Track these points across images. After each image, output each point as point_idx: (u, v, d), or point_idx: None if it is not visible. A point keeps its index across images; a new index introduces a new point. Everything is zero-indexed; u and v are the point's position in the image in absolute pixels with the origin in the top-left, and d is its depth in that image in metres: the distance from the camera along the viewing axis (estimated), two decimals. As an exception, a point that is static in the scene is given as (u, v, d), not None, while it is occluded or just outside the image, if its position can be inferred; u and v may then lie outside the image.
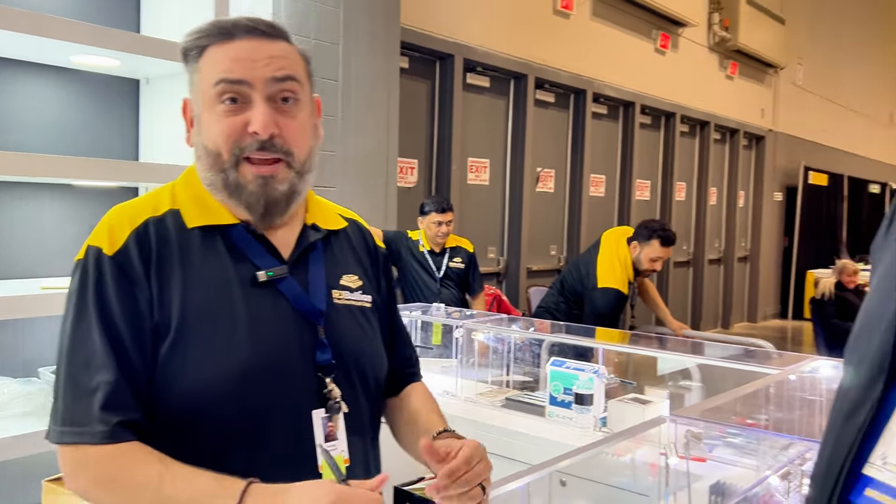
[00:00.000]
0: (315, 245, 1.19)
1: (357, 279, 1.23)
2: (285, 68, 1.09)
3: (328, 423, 1.12)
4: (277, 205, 1.10)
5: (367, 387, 1.20)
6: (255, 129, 1.06)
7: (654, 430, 1.48)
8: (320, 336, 1.13)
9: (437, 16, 4.83)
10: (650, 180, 7.31)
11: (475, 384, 2.64)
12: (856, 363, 0.75)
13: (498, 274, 5.73)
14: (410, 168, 4.93)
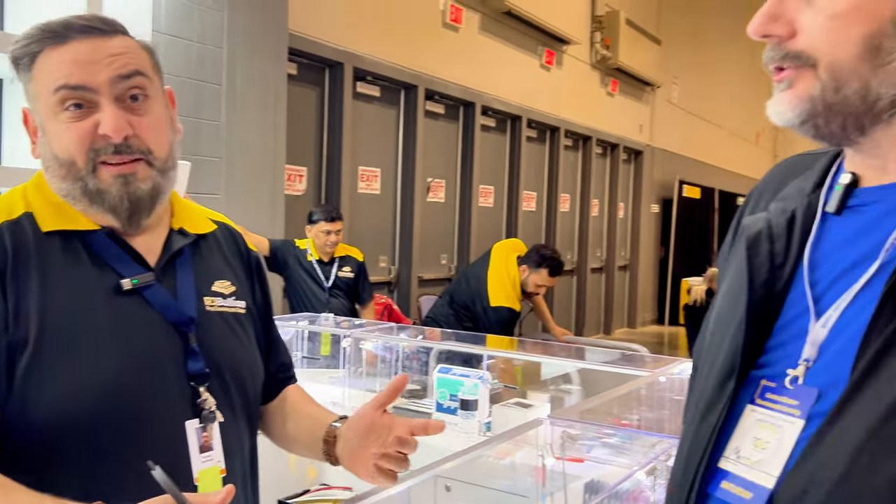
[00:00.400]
0: (182, 250, 1.14)
1: (230, 285, 1.19)
2: (130, 64, 1.04)
3: (203, 433, 1.09)
4: (142, 204, 1.06)
5: (243, 395, 1.17)
6: (107, 132, 1.01)
7: (533, 432, 1.53)
8: (191, 344, 1.09)
9: (326, 23, 4.80)
10: (536, 192, 7.53)
11: (363, 394, 2.63)
12: (709, 365, 0.80)
13: (389, 283, 5.74)
14: (299, 176, 4.86)
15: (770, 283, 0.74)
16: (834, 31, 0.65)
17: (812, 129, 0.69)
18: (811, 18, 0.67)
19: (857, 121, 0.67)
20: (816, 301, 0.71)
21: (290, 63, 4.56)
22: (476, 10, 6.20)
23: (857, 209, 0.72)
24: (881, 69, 0.64)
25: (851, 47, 0.65)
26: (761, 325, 0.75)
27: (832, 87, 0.66)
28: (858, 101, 0.66)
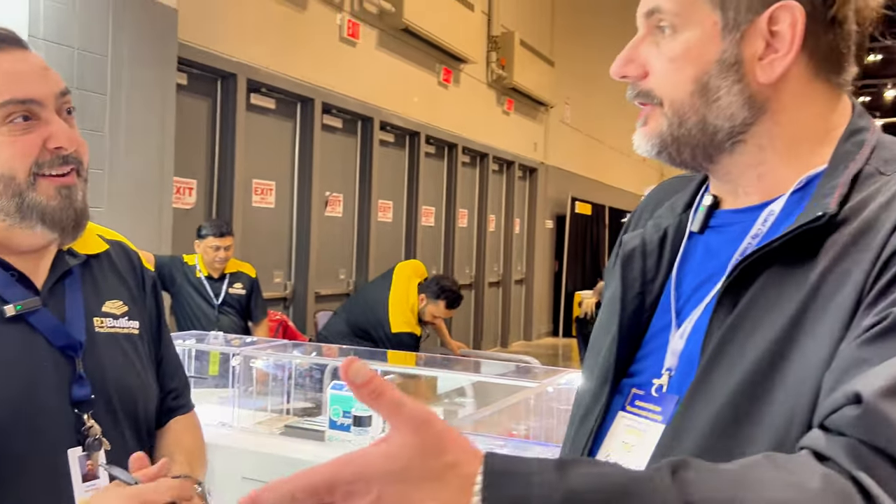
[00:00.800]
0: (71, 271, 1.11)
1: (122, 305, 1.17)
2: (61, 80, 1.06)
3: (87, 461, 1.06)
4: (83, 214, 1.06)
5: (133, 421, 1.14)
6: (61, 144, 1.01)
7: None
8: (78, 370, 1.06)
9: (219, 34, 4.69)
10: (435, 207, 7.60)
11: (253, 413, 2.57)
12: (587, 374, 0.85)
13: (284, 299, 5.63)
14: (189, 188, 4.71)
15: (641, 297, 0.81)
16: (672, 72, 0.73)
17: (667, 158, 0.77)
18: (657, 61, 0.75)
19: (704, 151, 0.75)
20: (678, 313, 0.77)
21: (180, 73, 4.43)
22: (374, 27, 6.23)
23: (717, 229, 0.79)
24: (713, 104, 0.72)
25: (687, 86, 0.73)
26: (634, 337, 0.81)
27: (676, 122, 0.74)
28: (699, 133, 0.73)
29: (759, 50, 0.71)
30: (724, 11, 0.71)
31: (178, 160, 4.29)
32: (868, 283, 0.62)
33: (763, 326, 0.66)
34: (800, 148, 0.73)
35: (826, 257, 0.65)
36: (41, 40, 3.21)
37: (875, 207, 0.66)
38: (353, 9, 5.95)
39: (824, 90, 0.74)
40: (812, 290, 0.65)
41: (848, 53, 0.73)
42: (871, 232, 0.65)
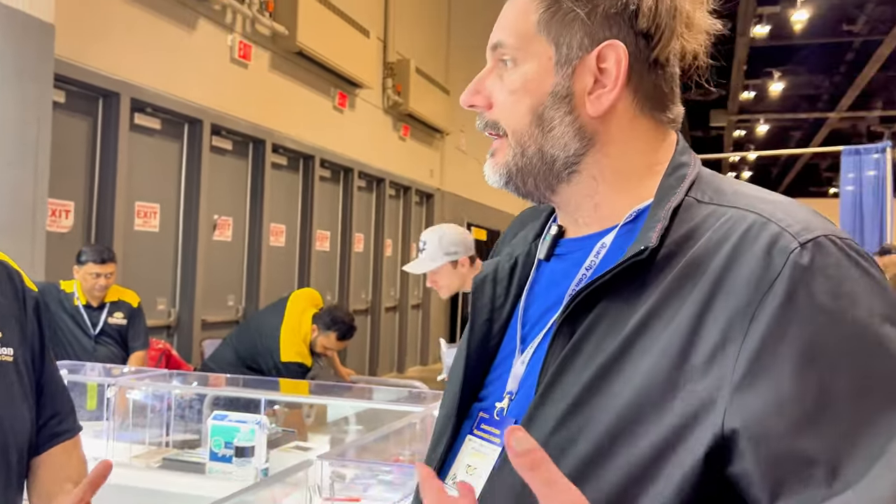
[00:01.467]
0: None
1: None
2: None
3: None
4: None
5: (3, 454, 1.09)
6: None
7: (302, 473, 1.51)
8: None
9: (101, 51, 4.51)
10: (330, 231, 7.53)
11: (130, 446, 2.45)
12: (443, 399, 0.87)
13: (168, 327, 5.41)
14: (66, 211, 4.48)
15: (490, 323, 0.83)
16: (512, 104, 0.77)
17: (514, 188, 0.80)
18: (500, 93, 0.78)
19: (544, 180, 0.78)
20: (523, 339, 0.80)
21: (58, 90, 4.22)
22: (267, 49, 6.16)
23: (562, 257, 0.82)
24: (549, 134, 0.76)
25: (525, 117, 0.77)
26: (484, 362, 0.83)
27: (519, 151, 0.78)
28: (539, 162, 0.77)
29: (589, 85, 0.75)
30: (558, 47, 0.75)
31: (54, 181, 4.07)
32: (697, 331, 0.65)
33: (595, 355, 0.69)
34: (629, 180, 0.78)
35: (655, 292, 0.69)
36: None
37: (701, 244, 0.69)
38: (245, 30, 5.87)
39: (649, 126, 0.78)
40: (639, 325, 0.68)
41: (671, 93, 0.79)
42: (695, 273, 0.68)
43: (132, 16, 4.76)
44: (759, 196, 0.73)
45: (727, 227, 0.69)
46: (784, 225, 0.67)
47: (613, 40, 0.74)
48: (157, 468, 2.33)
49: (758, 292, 0.64)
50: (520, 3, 0.78)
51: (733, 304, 0.64)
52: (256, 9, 5.85)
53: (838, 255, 0.66)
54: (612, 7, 0.75)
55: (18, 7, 3.53)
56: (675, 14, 0.76)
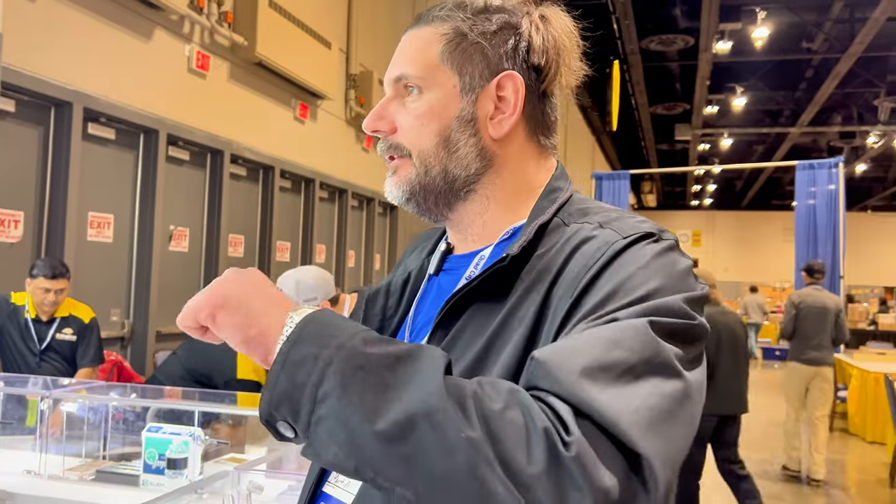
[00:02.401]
0: None
1: None
2: None
3: None
4: None
5: None
6: None
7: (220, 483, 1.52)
8: None
9: (53, 60, 4.48)
10: (290, 242, 7.51)
11: (63, 459, 2.43)
12: None
13: (122, 339, 5.35)
14: (15, 221, 4.42)
15: (381, 331, 0.91)
16: (419, 127, 0.85)
17: (414, 206, 0.88)
18: (405, 118, 0.86)
19: (445, 198, 0.86)
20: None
21: (6, 99, 4.18)
22: (225, 59, 6.14)
23: (449, 272, 0.91)
24: (454, 155, 0.84)
25: (432, 139, 0.84)
26: None
27: (423, 171, 0.85)
28: (442, 181, 0.85)
29: (490, 110, 0.84)
30: (462, 76, 0.83)
31: (3, 190, 4.02)
32: (540, 322, 0.74)
33: (465, 354, 0.76)
34: (514, 200, 0.86)
35: (514, 296, 0.77)
36: None
37: (552, 254, 0.78)
38: (203, 41, 5.85)
39: (536, 150, 0.87)
40: (500, 324, 0.76)
41: (555, 121, 0.89)
42: (544, 275, 0.76)
43: (85, 24, 4.73)
44: (609, 214, 0.82)
45: (573, 238, 0.78)
46: (615, 227, 0.77)
47: (511, 71, 0.83)
48: (91, 481, 2.31)
49: (578, 277, 0.73)
50: (421, 37, 0.86)
51: (563, 291, 0.73)
52: (215, 19, 5.84)
53: (653, 244, 0.74)
54: (507, 42, 0.84)
55: (-38, 15, 3.49)
56: (560, 51, 0.85)
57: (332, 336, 0.63)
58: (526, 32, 0.84)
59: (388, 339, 0.64)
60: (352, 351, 0.61)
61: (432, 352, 0.63)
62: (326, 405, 0.60)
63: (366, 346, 0.62)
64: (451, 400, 0.58)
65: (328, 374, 0.60)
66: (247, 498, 1.49)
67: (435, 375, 0.59)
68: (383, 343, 0.63)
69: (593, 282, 0.71)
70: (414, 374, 0.60)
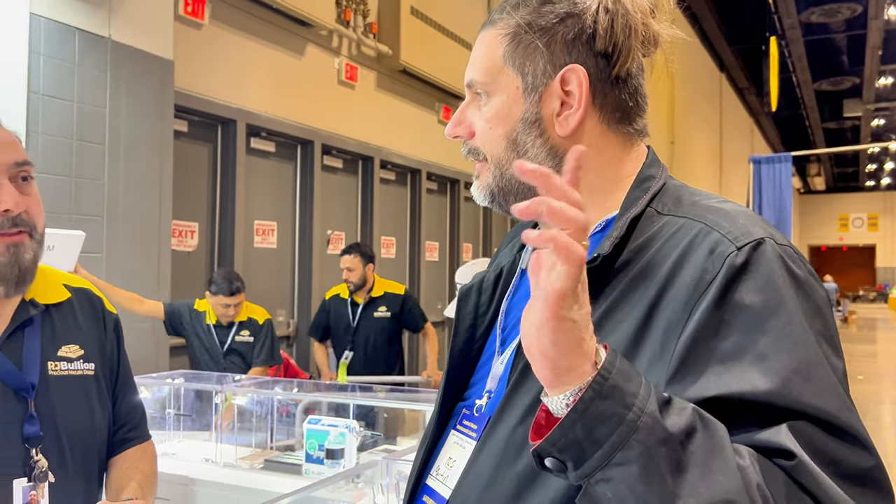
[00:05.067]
0: (32, 320, 1.25)
1: (77, 349, 1.29)
2: (20, 153, 1.21)
3: (31, 491, 1.17)
4: (29, 272, 1.19)
5: (81, 457, 1.25)
6: (9, 206, 1.15)
7: (370, 472, 1.61)
8: (30, 409, 1.19)
9: (217, 82, 4.88)
10: (439, 242, 7.70)
11: (236, 449, 2.65)
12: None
13: (288, 337, 5.73)
14: (191, 231, 4.86)
15: (473, 329, 0.90)
16: (488, 132, 0.84)
17: (498, 207, 0.88)
18: (479, 122, 0.85)
19: (525, 198, 0.83)
20: (503, 342, 0.86)
21: (180, 120, 4.60)
22: (372, 69, 6.41)
23: None
24: (524, 157, 0.82)
25: (500, 143, 0.83)
26: (467, 364, 0.89)
27: (498, 174, 0.84)
28: (518, 182, 0.83)
29: (556, 108, 0.81)
30: (524, 77, 0.81)
31: (180, 204, 4.43)
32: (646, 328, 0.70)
33: None
34: (601, 193, 0.83)
35: (611, 295, 0.74)
36: (40, 95, 3.38)
37: (653, 251, 0.74)
38: (351, 53, 6.14)
39: (617, 139, 0.83)
40: (595, 325, 0.73)
41: (637, 106, 0.83)
42: (646, 277, 0.73)
43: (245, 46, 5.11)
44: (711, 206, 0.76)
45: (677, 236, 0.74)
46: (724, 232, 0.71)
47: (573, 65, 0.79)
48: (260, 469, 2.50)
49: (696, 293, 0.69)
50: (487, 41, 0.85)
51: (675, 305, 0.69)
52: (361, 31, 6.11)
53: (770, 257, 0.69)
54: (569, 33, 0.80)
55: (141, 47, 3.89)
56: (630, 32, 0.79)
57: (633, 395, 0.59)
58: (590, 19, 0.79)
59: (670, 400, 0.62)
60: (653, 419, 0.59)
61: (718, 431, 0.61)
62: (622, 470, 0.58)
63: (663, 415, 0.59)
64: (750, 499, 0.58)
65: (632, 443, 0.58)
66: (395, 487, 1.56)
67: (730, 464, 0.59)
68: (672, 408, 0.61)
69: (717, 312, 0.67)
70: (710, 459, 0.59)
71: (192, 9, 4.56)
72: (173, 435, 2.76)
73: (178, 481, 2.42)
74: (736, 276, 0.68)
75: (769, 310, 0.66)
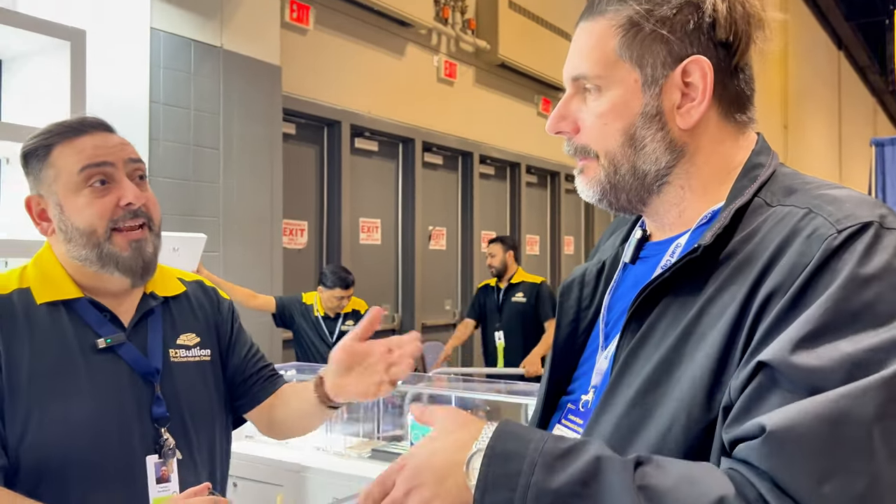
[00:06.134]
0: (153, 311, 1.36)
1: (195, 337, 1.40)
2: (134, 152, 1.32)
3: (162, 467, 1.29)
4: (150, 265, 1.30)
5: (202, 435, 1.36)
6: (130, 200, 1.25)
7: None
8: (157, 392, 1.30)
9: (322, 85, 5.05)
10: (539, 235, 7.66)
11: (344, 438, 2.76)
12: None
13: (393, 330, 5.87)
14: (300, 230, 5.06)
15: (576, 323, 0.90)
16: (601, 127, 0.81)
17: (607, 204, 0.86)
18: (587, 117, 0.83)
19: (637, 194, 0.83)
20: (606, 337, 0.86)
21: (288, 123, 4.80)
22: (470, 65, 6.45)
23: (644, 260, 0.88)
24: (641, 152, 0.80)
25: (616, 138, 0.81)
26: (570, 358, 0.90)
27: (612, 170, 0.82)
28: (632, 178, 0.82)
29: (677, 100, 0.78)
30: (643, 69, 0.79)
31: (289, 204, 4.62)
32: (743, 318, 0.69)
33: (657, 347, 0.74)
34: (711, 184, 0.81)
35: (712, 286, 0.73)
36: (161, 104, 3.62)
37: (755, 241, 0.72)
38: (450, 50, 6.20)
39: (731, 129, 0.81)
40: (695, 316, 0.72)
41: (752, 93, 0.82)
42: (747, 267, 0.71)
43: (348, 49, 5.27)
44: (820, 193, 0.74)
45: (781, 224, 0.72)
46: (826, 215, 0.69)
47: (696, 56, 0.77)
48: (367, 458, 2.59)
49: (791, 276, 0.67)
50: (596, 31, 0.81)
51: (770, 287, 0.68)
52: (459, 28, 6.16)
53: (872, 237, 0.67)
54: (688, 23, 0.77)
55: (248, 54, 4.09)
56: (750, 20, 0.77)
57: (515, 474, 0.65)
58: (709, 7, 0.76)
59: (566, 455, 0.65)
60: (537, 488, 0.64)
61: (612, 464, 0.64)
62: None
63: (550, 479, 0.64)
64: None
65: None
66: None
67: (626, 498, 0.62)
68: (564, 464, 0.64)
69: (806, 289, 0.66)
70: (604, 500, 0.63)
71: (298, 15, 4.74)
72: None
73: (290, 468, 2.54)
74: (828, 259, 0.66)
75: (839, 289, 0.65)
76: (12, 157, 2.33)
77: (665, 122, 0.79)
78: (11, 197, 2.37)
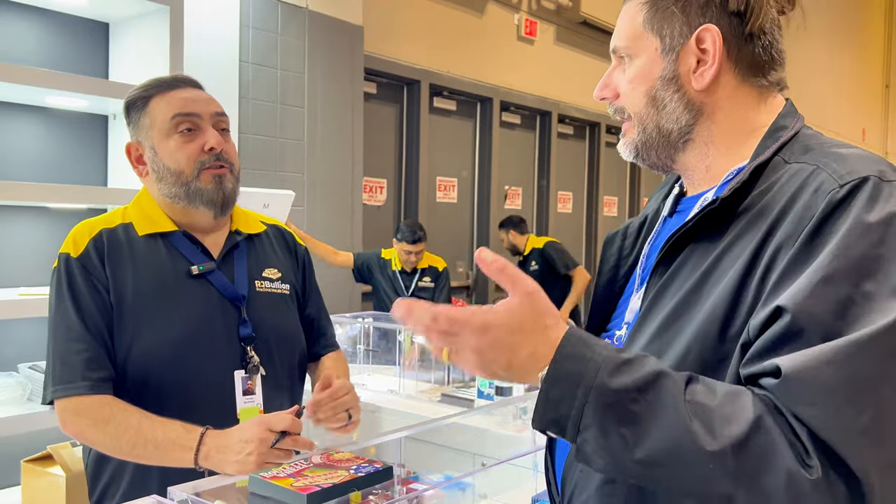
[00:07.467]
0: (238, 245, 1.54)
1: (276, 272, 1.58)
2: (219, 107, 1.50)
3: (248, 381, 1.47)
4: (230, 199, 1.48)
5: (284, 355, 1.55)
6: (212, 145, 1.44)
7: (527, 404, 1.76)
8: (243, 315, 1.48)
9: (403, 44, 5.15)
10: (618, 196, 7.61)
11: (416, 383, 2.92)
12: None
13: (468, 287, 6.01)
14: (380, 187, 5.23)
15: (616, 270, 1.01)
16: (631, 91, 0.93)
17: (642, 161, 0.98)
18: (623, 84, 0.95)
19: (665, 151, 0.94)
20: (641, 281, 0.96)
21: (369, 83, 4.93)
22: (551, 23, 6.41)
23: (681, 213, 0.98)
24: (662, 112, 0.91)
25: (641, 100, 0.92)
26: (609, 301, 1.01)
27: (641, 129, 0.94)
28: (657, 136, 0.93)
29: (692, 64, 0.89)
30: (662, 38, 0.90)
31: (369, 162, 4.79)
32: (755, 264, 0.78)
33: (680, 287, 0.84)
34: (735, 143, 0.90)
35: (730, 235, 0.82)
36: (250, 64, 3.80)
37: (770, 195, 0.81)
38: (531, 7, 6.17)
39: (752, 92, 0.90)
40: (714, 260, 0.82)
41: (771, 59, 0.89)
42: (760, 218, 0.80)
43: (428, 8, 5.34)
44: (830, 151, 0.82)
45: (793, 179, 0.81)
46: (830, 171, 0.78)
47: (707, 24, 0.87)
48: (437, 402, 2.75)
49: (798, 228, 0.76)
50: (629, 11, 0.94)
51: (781, 238, 0.77)
52: (540, -15, 6.12)
53: (873, 190, 0.75)
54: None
55: (332, 14, 4.23)
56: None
57: (579, 374, 0.71)
58: None
59: (629, 363, 0.72)
60: (600, 388, 0.70)
61: (669, 377, 0.72)
62: (588, 433, 0.71)
63: (611, 380, 0.71)
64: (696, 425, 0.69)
65: (586, 412, 0.71)
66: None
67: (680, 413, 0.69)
68: (628, 370, 0.72)
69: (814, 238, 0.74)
70: (658, 407, 0.70)
71: (380, -24, 4.83)
72: (363, 368, 3.08)
73: (366, 408, 2.71)
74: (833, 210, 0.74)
75: (844, 236, 0.72)
76: (119, 114, 2.56)
77: (681, 84, 0.89)
78: (120, 150, 2.60)
